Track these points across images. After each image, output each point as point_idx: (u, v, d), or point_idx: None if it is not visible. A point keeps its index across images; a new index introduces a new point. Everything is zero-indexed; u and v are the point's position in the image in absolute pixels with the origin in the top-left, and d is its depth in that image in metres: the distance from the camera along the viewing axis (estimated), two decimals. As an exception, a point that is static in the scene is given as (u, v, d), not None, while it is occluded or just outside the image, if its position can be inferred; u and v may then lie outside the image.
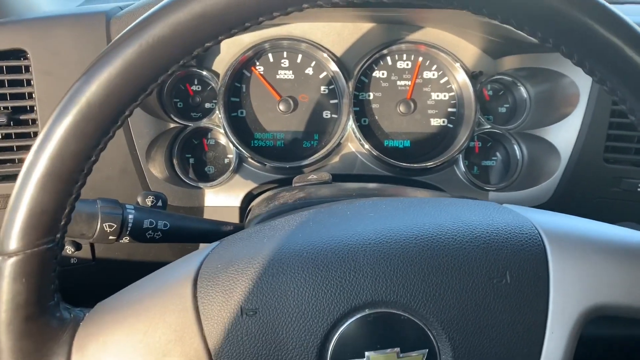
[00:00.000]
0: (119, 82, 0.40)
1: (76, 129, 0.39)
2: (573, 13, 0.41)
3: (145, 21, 0.40)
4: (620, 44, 0.41)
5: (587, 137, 0.90)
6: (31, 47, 0.81)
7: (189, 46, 0.41)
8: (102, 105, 0.39)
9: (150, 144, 0.88)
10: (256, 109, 0.98)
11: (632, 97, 0.43)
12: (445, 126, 1.00)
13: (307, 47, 0.96)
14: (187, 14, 0.40)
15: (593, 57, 0.42)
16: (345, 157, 0.98)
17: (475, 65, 0.97)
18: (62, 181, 0.40)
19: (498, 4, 0.42)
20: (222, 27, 0.41)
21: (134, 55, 0.40)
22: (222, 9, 0.40)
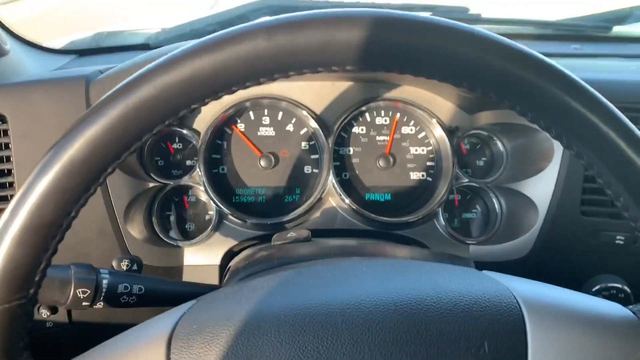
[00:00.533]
0: (103, 140, 0.40)
1: (57, 184, 0.39)
2: (552, 90, 0.43)
3: (133, 81, 0.41)
4: (597, 121, 0.43)
5: (564, 191, 0.91)
6: (10, 112, 0.81)
7: (175, 107, 0.42)
8: (85, 161, 0.40)
9: (128, 204, 0.88)
10: (237, 165, 0.99)
11: (609, 174, 0.44)
12: (424, 179, 1.01)
13: (287, 105, 0.97)
14: (175, 76, 0.41)
15: (570, 133, 0.44)
16: (326, 212, 0.98)
17: (452, 121, 0.99)
18: (40, 235, 0.40)
19: (478, 79, 0.43)
20: (209, 91, 0.42)
21: (120, 114, 0.40)
22: (211, 74, 0.41)
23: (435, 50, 0.43)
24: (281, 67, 0.42)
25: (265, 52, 0.41)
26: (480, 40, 0.43)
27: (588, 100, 0.43)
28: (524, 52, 0.44)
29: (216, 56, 0.41)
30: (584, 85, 0.44)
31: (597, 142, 0.43)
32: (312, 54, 0.42)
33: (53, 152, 0.40)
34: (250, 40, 0.41)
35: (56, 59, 1.18)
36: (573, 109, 0.43)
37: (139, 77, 0.41)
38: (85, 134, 0.40)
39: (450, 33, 0.43)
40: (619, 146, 0.43)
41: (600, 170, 0.44)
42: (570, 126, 0.43)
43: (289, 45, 0.42)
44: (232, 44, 0.41)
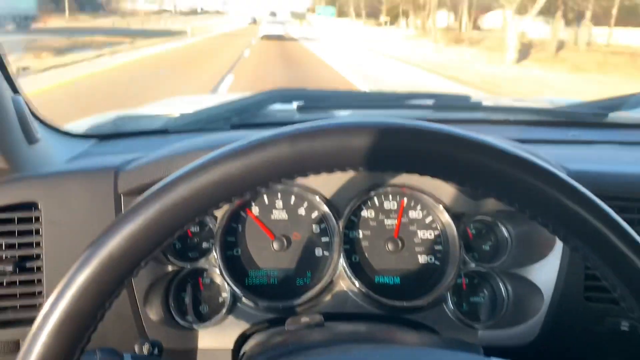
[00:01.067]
0: (139, 237, 0.44)
1: (95, 278, 0.43)
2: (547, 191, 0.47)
3: (169, 184, 0.46)
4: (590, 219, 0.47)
5: (567, 277, 0.94)
6: (43, 200, 0.86)
7: (205, 206, 0.46)
8: (122, 257, 0.44)
9: (148, 288, 0.91)
10: (251, 247, 1.02)
11: (603, 266, 0.48)
12: (432, 263, 1.04)
13: (299, 190, 1.02)
14: (208, 179, 0.46)
15: (566, 229, 0.48)
16: (337, 295, 1.01)
17: (457, 206, 1.04)
18: (76, 326, 0.43)
19: (479, 181, 0.48)
20: (236, 191, 0.47)
21: (155, 214, 0.45)
22: (239, 176, 0.46)
23: (437, 154, 0.48)
24: (301, 169, 0.48)
25: (288, 156, 0.47)
26: (478, 145, 0.48)
27: (584, 201, 0.48)
28: (523, 159, 0.49)
29: (245, 161, 0.46)
30: (575, 186, 0.48)
31: (592, 238, 0.47)
32: (329, 158, 0.48)
33: (93, 248, 0.44)
34: (275, 146, 0.47)
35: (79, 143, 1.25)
36: (569, 209, 0.47)
37: (175, 180, 0.46)
38: (122, 232, 0.44)
39: (449, 139, 0.48)
40: (612, 241, 0.47)
41: (596, 263, 0.48)
42: (566, 224, 0.48)
43: (309, 150, 0.47)
44: (259, 150, 0.47)
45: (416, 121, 0.50)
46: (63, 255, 0.86)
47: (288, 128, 0.49)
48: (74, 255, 0.44)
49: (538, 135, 1.39)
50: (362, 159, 0.48)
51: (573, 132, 1.40)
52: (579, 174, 0.98)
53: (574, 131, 1.41)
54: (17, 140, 0.90)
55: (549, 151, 1.06)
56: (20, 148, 0.91)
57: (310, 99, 1.43)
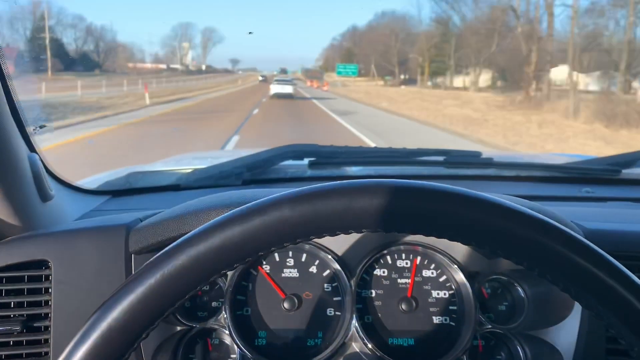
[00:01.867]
0: (140, 309, 0.43)
1: (95, 352, 0.42)
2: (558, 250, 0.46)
3: (168, 253, 0.45)
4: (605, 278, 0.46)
5: (588, 339, 0.91)
6: (53, 258, 0.86)
7: (207, 274, 0.45)
8: (122, 329, 0.43)
9: (156, 349, 0.89)
10: (261, 307, 1.00)
11: (629, 334, 0.46)
12: (447, 324, 1.01)
13: (310, 248, 1.01)
14: (207, 246, 0.45)
15: (580, 289, 0.47)
16: (349, 357, 0.97)
17: (472, 265, 1.02)
18: None
19: (485, 241, 0.47)
20: (238, 257, 0.46)
21: (156, 283, 0.44)
22: (240, 242, 0.45)
23: (443, 215, 0.47)
24: (304, 232, 0.47)
25: (289, 220, 0.46)
26: (483, 204, 0.48)
27: (597, 259, 0.47)
28: (529, 216, 0.48)
29: (245, 226, 0.46)
30: (587, 244, 0.47)
31: (605, 296, 0.46)
32: (332, 221, 0.47)
33: (92, 320, 0.43)
34: (276, 210, 0.46)
35: (92, 200, 1.25)
36: (580, 267, 0.46)
37: (173, 248, 0.46)
38: (122, 304, 0.43)
39: (457, 199, 0.48)
40: (627, 300, 0.45)
41: (611, 322, 0.46)
42: (577, 281, 0.46)
43: (311, 214, 0.47)
44: (259, 214, 0.46)
45: (414, 181, 0.49)
46: (72, 315, 0.85)
47: (289, 192, 0.48)
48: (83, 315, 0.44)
49: (550, 192, 1.38)
50: (366, 221, 0.47)
51: (586, 189, 1.39)
52: (596, 232, 0.96)
53: (587, 188, 1.40)
54: (31, 198, 0.91)
55: (562, 209, 1.05)
56: (34, 206, 0.92)
57: (321, 155, 1.44)
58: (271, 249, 0.47)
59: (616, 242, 0.94)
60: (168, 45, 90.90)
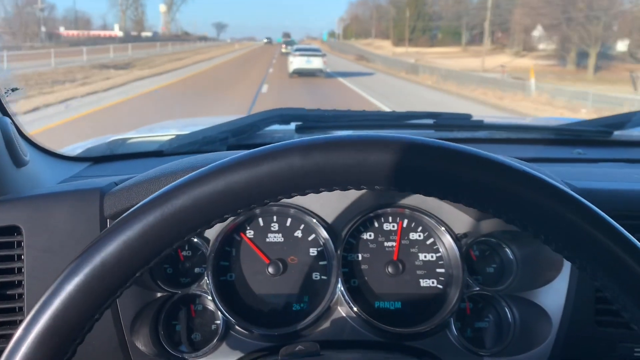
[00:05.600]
0: (136, 245, 0.41)
1: (86, 286, 0.40)
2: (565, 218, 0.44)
3: (170, 190, 0.43)
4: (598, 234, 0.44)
5: (576, 300, 0.89)
6: (25, 224, 0.83)
7: (208, 217, 0.43)
8: (116, 265, 0.41)
9: (135, 315, 0.87)
10: (246, 272, 0.98)
11: (625, 297, 0.44)
12: (435, 287, 1.00)
13: (295, 212, 0.99)
14: (211, 189, 0.42)
15: (586, 258, 0.44)
16: (335, 322, 0.96)
17: (459, 227, 1.00)
18: (61, 337, 0.40)
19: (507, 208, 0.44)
20: (242, 203, 0.43)
21: (155, 221, 0.42)
22: (245, 188, 0.43)
23: (463, 178, 0.44)
24: (313, 184, 0.44)
25: (299, 169, 0.43)
26: (506, 170, 0.45)
27: (591, 218, 0.44)
28: (538, 179, 0.45)
29: (252, 171, 0.43)
30: (582, 201, 0.45)
31: (601, 256, 0.43)
32: (344, 173, 0.44)
33: (86, 254, 0.41)
34: (286, 157, 0.43)
35: (72, 167, 1.22)
36: (575, 226, 0.44)
37: (176, 187, 0.43)
38: (119, 238, 0.41)
39: (475, 161, 0.45)
40: (623, 260, 0.43)
41: (605, 283, 0.44)
42: (572, 241, 0.44)
43: (323, 164, 0.44)
44: (268, 160, 0.44)
45: (438, 140, 0.46)
46: (46, 281, 0.83)
47: (302, 139, 0.45)
48: None
49: (542, 154, 1.36)
50: (380, 176, 0.44)
51: (578, 150, 1.37)
52: (586, 191, 0.94)
53: (578, 149, 1.38)
54: (2, 163, 0.87)
55: (553, 169, 1.03)
56: (6, 171, 0.88)
57: (308, 119, 1.41)
58: (277, 197, 0.45)
59: (606, 201, 0.92)
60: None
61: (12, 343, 0.40)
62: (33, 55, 28.27)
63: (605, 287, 0.45)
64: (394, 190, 0.45)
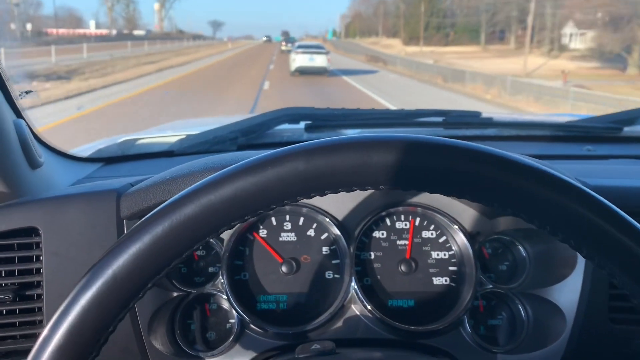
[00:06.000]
0: (146, 257, 0.41)
1: (99, 300, 0.40)
2: (573, 209, 0.44)
3: (178, 200, 0.43)
4: (620, 235, 0.44)
5: (590, 298, 0.89)
6: (43, 225, 0.84)
7: (216, 225, 0.43)
8: (127, 278, 0.41)
9: (152, 315, 0.88)
10: (259, 271, 0.99)
11: (633, 284, 0.44)
12: (448, 285, 1.00)
13: (308, 211, 0.99)
14: (219, 196, 0.43)
15: (593, 247, 0.45)
16: (348, 320, 0.97)
17: (472, 225, 1.00)
18: (77, 352, 0.40)
19: (509, 201, 0.45)
20: (249, 209, 0.44)
21: (164, 232, 0.42)
22: (252, 194, 0.43)
23: (464, 173, 0.45)
24: (318, 187, 0.45)
25: (304, 173, 0.44)
26: (506, 163, 0.45)
27: (610, 216, 0.44)
28: (552, 175, 0.45)
29: (258, 178, 0.43)
30: (603, 202, 0.45)
31: (619, 254, 0.44)
32: (348, 175, 0.44)
33: (97, 268, 0.41)
34: (291, 162, 0.44)
35: (84, 168, 1.23)
36: (593, 224, 0.44)
37: (183, 197, 0.43)
38: (129, 251, 0.41)
39: (479, 157, 0.45)
40: (632, 249, 0.43)
41: (623, 281, 0.45)
42: (591, 240, 0.44)
43: (327, 167, 0.44)
44: (273, 166, 0.44)
45: (440, 138, 0.46)
46: (64, 282, 0.84)
47: (305, 143, 0.46)
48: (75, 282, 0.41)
49: (552, 151, 1.35)
50: (384, 176, 0.44)
51: (588, 147, 1.37)
52: (599, 189, 0.94)
53: (588, 146, 1.38)
54: (18, 165, 0.88)
55: (564, 167, 1.03)
56: (22, 173, 0.89)
57: (318, 118, 1.41)
58: (284, 202, 0.45)
59: (619, 198, 0.92)
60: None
61: (30, 357, 0.40)
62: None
63: (623, 285, 0.45)
64: (399, 189, 0.46)
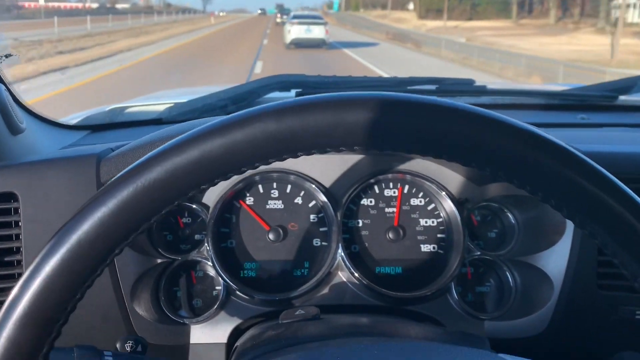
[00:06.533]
0: (111, 222, 0.40)
1: (64, 267, 0.39)
2: (563, 172, 0.42)
3: (143, 163, 0.41)
4: (610, 201, 0.42)
5: (578, 264, 0.89)
6: (22, 190, 0.82)
7: (184, 189, 0.42)
8: (93, 244, 0.40)
9: (135, 281, 0.87)
10: (246, 239, 0.98)
11: (624, 253, 0.43)
12: (435, 252, 1.00)
13: (295, 178, 0.98)
14: (185, 159, 0.41)
15: (580, 211, 0.43)
16: (335, 287, 0.96)
17: (461, 192, 0.99)
18: (44, 319, 0.39)
19: (487, 160, 0.43)
20: (218, 172, 0.42)
21: (129, 196, 0.40)
22: (220, 156, 0.41)
23: (441, 131, 0.43)
24: (290, 148, 0.43)
25: (274, 134, 0.42)
26: (486, 121, 0.43)
27: (598, 178, 0.43)
28: (531, 132, 0.44)
29: (226, 139, 0.42)
30: (591, 164, 0.43)
31: (612, 222, 0.42)
32: (321, 135, 0.43)
33: (60, 234, 0.40)
34: (260, 122, 0.42)
35: (70, 135, 1.21)
36: (587, 191, 0.42)
37: (148, 160, 0.42)
38: (93, 217, 0.40)
39: (457, 115, 0.43)
40: (629, 221, 0.42)
41: (615, 250, 0.43)
42: (579, 204, 0.43)
43: (299, 127, 0.42)
44: (241, 127, 0.42)
45: (418, 95, 0.45)
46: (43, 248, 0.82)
47: (276, 102, 0.44)
48: None
49: (545, 119, 1.33)
50: (358, 136, 0.43)
51: (582, 115, 1.35)
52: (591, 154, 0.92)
53: (582, 114, 1.36)
54: None
55: (557, 134, 1.01)
56: (2, 138, 0.87)
57: (308, 86, 1.39)
58: (255, 165, 0.43)
59: (611, 164, 0.91)
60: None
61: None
62: None
63: (615, 254, 0.44)
64: (374, 150, 0.44)
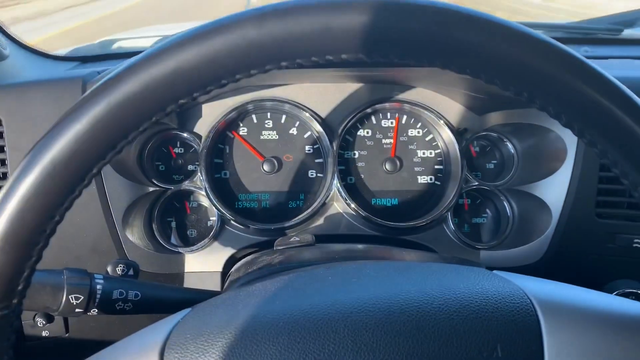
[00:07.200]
0: (86, 140, 0.37)
1: (38, 187, 0.37)
2: (561, 75, 0.40)
3: (116, 76, 0.39)
4: (610, 105, 0.39)
5: (577, 193, 0.87)
6: (5, 113, 0.80)
7: (161, 103, 0.39)
8: (68, 163, 0.37)
9: (127, 209, 0.86)
10: (240, 170, 0.96)
11: (624, 161, 0.41)
12: (432, 183, 0.98)
13: (290, 108, 0.95)
14: (159, 70, 0.38)
15: (583, 119, 0.40)
16: (330, 217, 0.95)
17: (460, 122, 0.96)
18: (22, 242, 0.37)
19: (482, 66, 0.40)
20: (196, 84, 0.39)
21: (103, 111, 0.38)
22: (197, 66, 0.38)
23: (437, 35, 0.40)
24: (273, 57, 0.40)
25: (255, 41, 0.39)
26: (484, 22, 0.40)
27: (602, 84, 0.40)
28: (530, 34, 0.41)
29: (202, 47, 0.39)
30: (596, 69, 0.41)
31: (611, 128, 0.40)
32: (306, 41, 0.40)
33: (32, 153, 0.38)
34: (239, 29, 0.39)
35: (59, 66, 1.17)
36: (585, 94, 0.40)
37: (122, 71, 0.39)
38: (66, 134, 0.37)
39: (455, 17, 0.40)
40: (634, 131, 0.40)
41: (615, 158, 0.41)
42: (581, 112, 0.40)
43: (281, 33, 0.39)
44: (218, 33, 0.39)
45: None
46: None
47: (256, 8, 0.41)
48: None
49: None
50: (345, 42, 0.39)
51: (585, 48, 1.31)
52: None
53: (586, 47, 1.32)
54: None
55: None
56: None
57: None
58: (236, 76, 0.40)
59: None
60: None
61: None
62: None
63: (615, 164, 0.41)
64: (362, 58, 0.41)
